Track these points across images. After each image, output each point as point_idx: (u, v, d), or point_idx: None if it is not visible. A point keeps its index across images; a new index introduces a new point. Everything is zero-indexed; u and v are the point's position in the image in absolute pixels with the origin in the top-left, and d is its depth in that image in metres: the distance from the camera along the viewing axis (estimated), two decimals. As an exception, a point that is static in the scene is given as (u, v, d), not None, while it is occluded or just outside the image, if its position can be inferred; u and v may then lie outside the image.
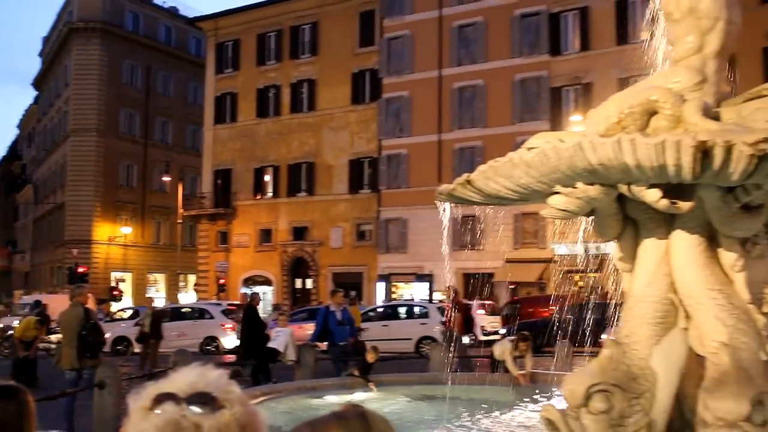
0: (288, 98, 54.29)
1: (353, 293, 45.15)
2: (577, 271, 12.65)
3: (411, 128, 48.79)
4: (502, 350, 13.65)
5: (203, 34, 61.75)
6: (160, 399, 1.70)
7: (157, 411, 1.69)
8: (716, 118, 7.45)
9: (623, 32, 40.40)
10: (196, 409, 1.68)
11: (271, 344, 17.40)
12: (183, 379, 1.78)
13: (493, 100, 46.00)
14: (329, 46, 52.63)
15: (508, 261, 41.03)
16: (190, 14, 69.84)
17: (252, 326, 19.24)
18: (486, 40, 47.25)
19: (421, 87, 48.39)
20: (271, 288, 53.26)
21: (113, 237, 67.70)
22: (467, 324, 23.20)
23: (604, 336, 7.82)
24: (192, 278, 62.16)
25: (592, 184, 7.29)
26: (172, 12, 74.86)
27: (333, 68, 52.06)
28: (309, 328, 18.83)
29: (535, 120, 40.74)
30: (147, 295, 48.14)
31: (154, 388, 1.75)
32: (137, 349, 27.90)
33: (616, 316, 8.40)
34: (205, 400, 1.70)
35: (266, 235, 53.88)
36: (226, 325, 31.93)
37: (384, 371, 14.80)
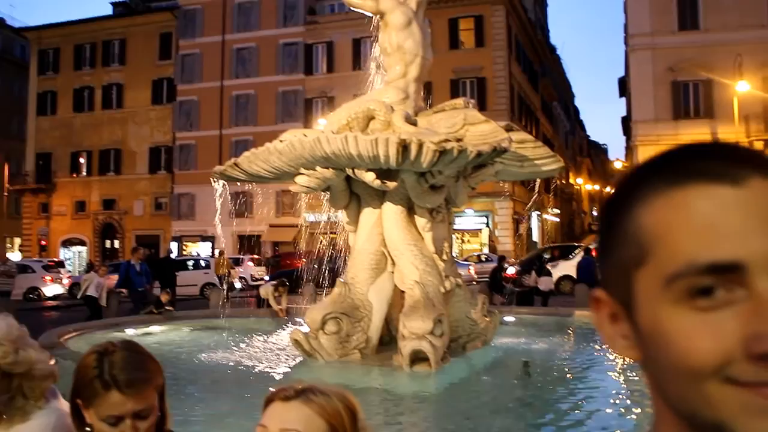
0: (100, 97, 50.83)
1: (152, 250, 43.45)
2: (320, 233, 12.75)
3: (199, 124, 47.34)
4: (266, 291, 13.62)
5: (28, 42, 56.14)
6: None
7: None
8: (414, 124, 7.78)
9: (357, 61, 41.21)
10: None
11: (89, 292, 16.18)
12: None
13: (261, 106, 45.60)
14: (135, 58, 49.70)
15: (272, 226, 41.11)
16: (17, 24, 63.24)
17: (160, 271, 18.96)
18: (258, 60, 46.55)
19: (207, 93, 46.99)
20: (85, 248, 49.98)
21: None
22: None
23: (341, 279, 8.00)
24: (18, 241, 56.78)
25: (327, 168, 7.43)
26: (1, 22, 67.33)
27: (138, 75, 49.34)
28: (115, 278, 17.81)
29: (292, 122, 40.62)
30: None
31: None
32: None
33: (345, 264, 8.61)
34: None
35: (81, 205, 50.36)
36: (46, 278, 29.65)
37: (176, 309, 14.31)
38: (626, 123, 39.77)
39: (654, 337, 0.67)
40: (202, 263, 29.67)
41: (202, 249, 44.40)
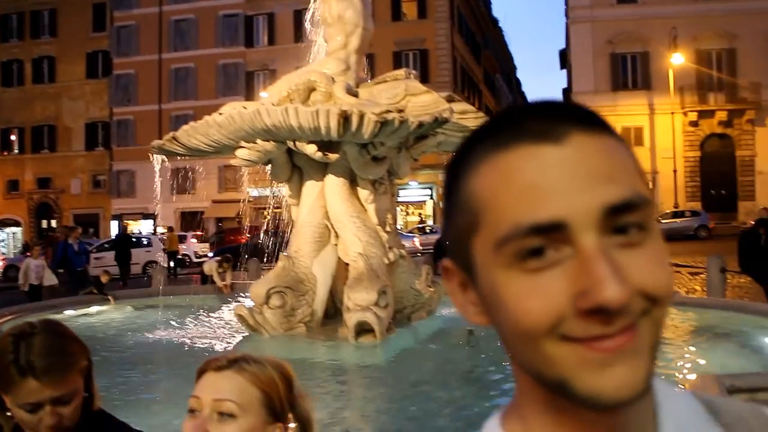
0: (30, 71, 48.93)
1: (91, 230, 42.36)
2: (264, 208, 12.62)
3: (137, 99, 46.12)
4: (210, 268, 13.39)
5: (-51, 13, 53.61)
6: None
7: None
8: (356, 95, 7.72)
9: (299, 33, 40.71)
10: None
11: (32, 281, 15.60)
12: None
13: (201, 80, 44.66)
14: (67, 30, 47.90)
15: (215, 202, 40.53)
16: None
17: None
18: (197, 32, 45.50)
19: (145, 66, 45.73)
20: (20, 228, 48.40)
21: None
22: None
23: (284, 253, 7.94)
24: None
25: (268, 141, 7.32)
26: None
27: (70, 48, 47.64)
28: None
29: (234, 96, 39.82)
30: None
31: None
32: None
33: (288, 239, 8.54)
34: None
35: (13, 184, 48.62)
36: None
37: (117, 289, 14.02)
38: (567, 95, 40.37)
39: (493, 302, 0.68)
40: (144, 241, 29.07)
41: (144, 226, 43.55)
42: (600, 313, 0.62)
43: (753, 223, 13.25)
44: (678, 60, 34.38)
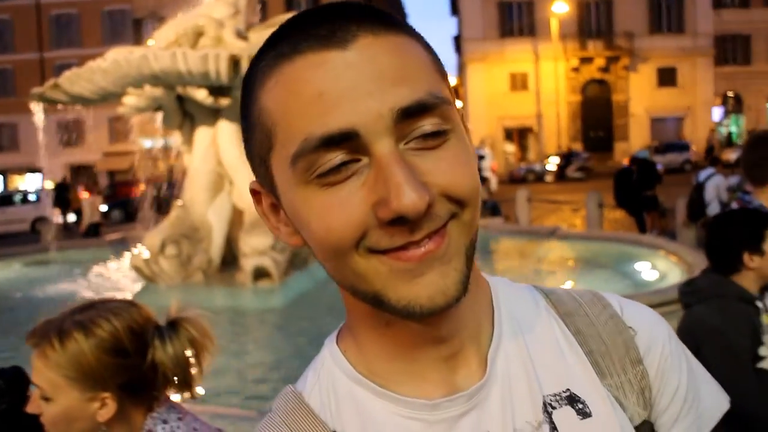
0: None
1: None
2: (157, 158, 12.16)
3: (14, 46, 42.89)
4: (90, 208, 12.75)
5: None
6: None
7: None
8: (246, 39, 7.50)
9: (188, -22, 39.02)
10: None
11: None
12: None
13: (86, 27, 41.99)
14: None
15: (106, 154, 38.69)
16: None
17: None
18: (77, -23, 42.75)
19: (21, 11, 42.44)
20: None
21: None
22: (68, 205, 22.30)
23: (178, 202, 7.70)
24: None
25: (156, 87, 7.02)
26: None
27: (-65, -7, 43.64)
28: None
29: (121, 45, 38.05)
30: None
31: None
32: None
33: (183, 187, 8.29)
34: None
35: None
36: None
37: (3, 247, 13.27)
38: (458, 41, 40.74)
39: (297, 221, 0.65)
40: (31, 197, 27.50)
41: (30, 181, 41.11)
42: (402, 222, 0.59)
43: (627, 162, 13.94)
44: (561, 8, 35.26)
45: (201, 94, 6.75)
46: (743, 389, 2.29)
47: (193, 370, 1.46)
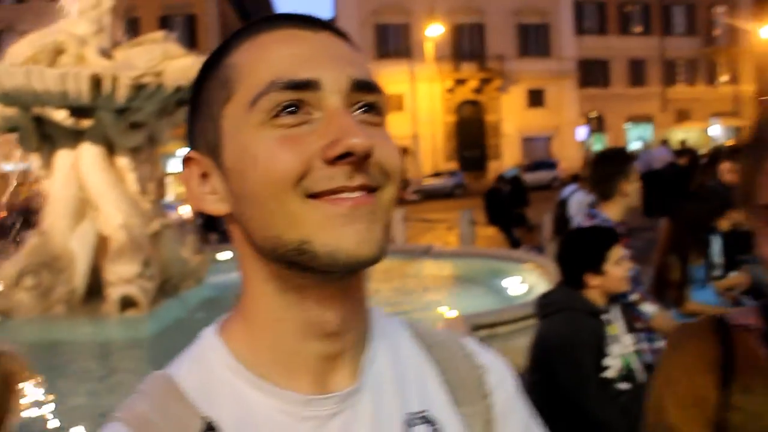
0: None
1: None
2: (22, 183, 11.42)
3: None
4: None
5: None
6: None
7: None
8: (110, 57, 7.21)
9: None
10: None
11: None
12: None
13: (-64, 41, 39.27)
14: None
15: (-38, 178, 36.07)
16: None
17: None
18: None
19: None
20: None
21: None
22: None
23: (37, 230, 7.25)
24: None
25: (9, 106, 6.60)
26: None
27: None
28: None
29: (-23, 60, 35.72)
30: None
31: None
32: None
33: (42, 214, 7.81)
34: None
35: None
36: None
37: None
38: (335, 63, 41.04)
39: (241, 166, 0.69)
40: None
41: None
42: (346, 160, 0.66)
43: (496, 180, 14.47)
44: (436, 31, 36.40)
45: (60, 115, 6.42)
46: (586, 397, 2.43)
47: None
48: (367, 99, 0.71)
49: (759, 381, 0.95)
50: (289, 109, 0.68)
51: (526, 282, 7.39)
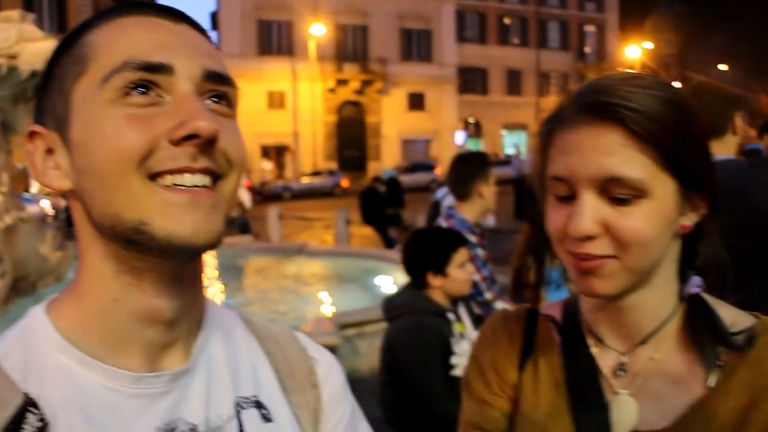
0: None
1: None
2: None
3: None
4: None
5: None
6: None
7: None
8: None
9: None
10: None
11: None
12: None
13: None
14: None
15: None
16: None
17: None
18: None
19: None
20: None
21: None
22: None
23: None
24: None
25: None
26: None
27: None
28: None
29: None
30: None
31: None
32: None
33: None
34: None
35: None
36: None
37: None
38: (216, 56, 40.05)
39: (87, 141, 0.69)
40: None
41: None
42: (191, 142, 0.68)
43: (372, 180, 14.64)
44: (319, 31, 36.33)
45: None
46: (435, 395, 2.50)
47: None
48: (219, 89, 0.73)
49: (545, 368, 1.02)
50: (140, 89, 0.69)
51: (397, 282, 7.51)
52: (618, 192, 0.85)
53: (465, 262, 2.72)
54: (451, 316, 2.71)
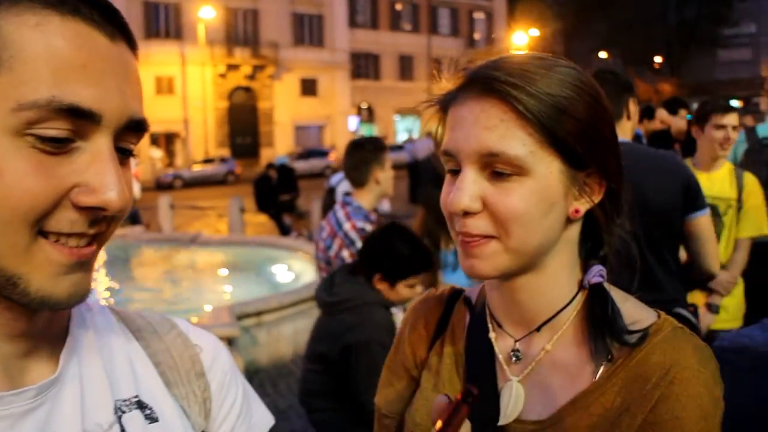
0: None
1: None
2: None
3: None
4: None
5: None
6: None
7: None
8: None
9: None
10: None
11: None
12: None
13: None
14: None
15: None
16: None
17: None
18: None
19: None
20: None
21: None
22: None
23: None
24: None
25: None
26: None
27: None
28: None
29: None
30: None
31: None
32: None
33: None
34: None
35: None
36: None
37: None
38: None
39: None
40: None
41: None
42: (95, 212, 0.63)
43: (266, 167, 14.48)
44: (208, 14, 35.33)
45: None
46: (371, 392, 2.50)
47: None
48: (134, 141, 0.69)
49: (449, 349, 1.03)
50: (57, 137, 0.61)
51: (293, 270, 7.50)
52: (499, 167, 0.83)
53: (418, 284, 2.68)
54: (394, 310, 2.71)
